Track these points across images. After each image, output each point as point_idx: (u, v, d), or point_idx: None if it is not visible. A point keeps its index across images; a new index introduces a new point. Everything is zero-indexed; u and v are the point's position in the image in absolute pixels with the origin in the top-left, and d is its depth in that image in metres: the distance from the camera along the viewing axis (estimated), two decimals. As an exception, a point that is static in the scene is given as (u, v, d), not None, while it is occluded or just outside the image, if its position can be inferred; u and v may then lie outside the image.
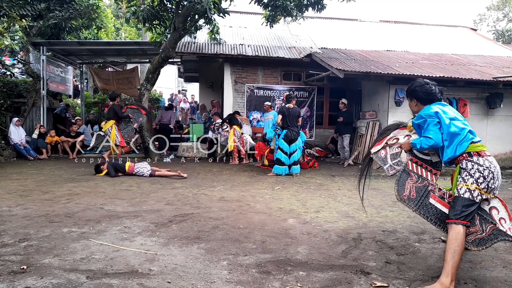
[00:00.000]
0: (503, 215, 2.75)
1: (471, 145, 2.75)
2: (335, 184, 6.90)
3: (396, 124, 3.52)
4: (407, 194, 3.12)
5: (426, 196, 3.06)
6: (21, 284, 2.51)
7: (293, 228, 3.97)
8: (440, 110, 2.84)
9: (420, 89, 2.97)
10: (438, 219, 2.97)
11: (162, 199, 5.29)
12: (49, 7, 10.52)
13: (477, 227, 2.81)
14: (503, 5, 27.17)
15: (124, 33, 24.79)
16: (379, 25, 15.49)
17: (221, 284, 2.60)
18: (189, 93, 21.77)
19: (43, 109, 11.16)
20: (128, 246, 3.30)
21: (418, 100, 3.00)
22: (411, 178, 3.15)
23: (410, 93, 3.06)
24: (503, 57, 12.81)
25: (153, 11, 9.33)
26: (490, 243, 2.80)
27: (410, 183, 3.14)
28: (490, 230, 2.78)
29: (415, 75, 8.68)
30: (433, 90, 2.94)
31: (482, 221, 2.81)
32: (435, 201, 3.01)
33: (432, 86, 2.96)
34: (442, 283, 2.45)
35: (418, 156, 3.17)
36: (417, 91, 2.99)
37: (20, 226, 3.86)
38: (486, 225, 2.80)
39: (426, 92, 2.95)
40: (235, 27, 13.13)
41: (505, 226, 2.73)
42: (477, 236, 2.81)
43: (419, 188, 3.10)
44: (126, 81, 14.79)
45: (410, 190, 3.12)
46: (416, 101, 3.03)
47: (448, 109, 2.88)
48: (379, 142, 3.50)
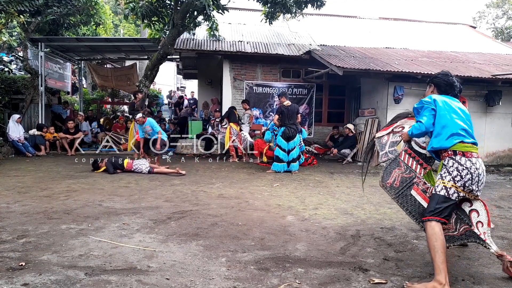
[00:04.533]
0: (482, 219, 2.77)
1: (459, 144, 2.75)
2: (333, 181, 6.91)
3: (406, 113, 3.60)
4: (391, 182, 3.19)
5: (409, 187, 3.12)
6: (20, 281, 2.51)
7: (291, 225, 3.98)
8: (441, 101, 2.86)
9: (443, 77, 3.03)
10: (415, 211, 3.05)
11: (160, 196, 5.29)
12: (47, 3, 10.46)
13: (451, 225, 2.87)
14: (502, 2, 27.13)
15: (122, 29, 24.68)
16: (378, 22, 15.45)
17: (220, 281, 2.60)
18: (188, 90, 21.73)
19: (41, 106, 11.12)
20: (126, 243, 3.30)
21: (437, 87, 3.05)
22: (399, 167, 3.20)
23: (432, 79, 3.11)
24: (502, 54, 12.81)
25: (152, 8, 9.29)
26: (459, 242, 2.87)
27: (398, 172, 3.20)
28: (464, 230, 2.83)
29: (414, 73, 8.69)
30: (454, 84, 3.00)
31: (458, 221, 2.85)
32: (416, 193, 3.07)
33: (455, 81, 3.02)
34: (437, 280, 2.50)
35: (413, 148, 3.20)
36: (439, 78, 3.05)
37: (19, 222, 3.85)
38: (460, 225, 2.84)
39: (447, 82, 3.00)
40: (234, 23, 13.08)
41: (481, 230, 2.76)
42: (448, 233, 2.87)
43: (405, 178, 3.16)
44: (125, 78, 14.76)
45: (395, 178, 3.19)
46: (434, 88, 3.06)
47: (454, 105, 2.88)
48: (386, 128, 3.57)
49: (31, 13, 10.34)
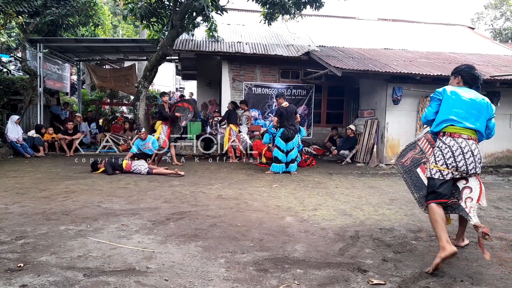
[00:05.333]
0: (473, 195, 2.96)
1: (450, 127, 3.05)
2: (332, 182, 6.91)
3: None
4: (403, 161, 3.52)
5: (416, 166, 3.39)
6: (18, 282, 2.50)
7: (290, 226, 3.98)
8: (451, 92, 3.14)
9: (468, 70, 3.28)
10: (416, 186, 3.35)
11: (159, 197, 5.28)
12: (46, 4, 10.46)
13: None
14: (500, 3, 27.21)
15: (121, 30, 24.68)
16: (377, 23, 15.49)
17: (219, 282, 2.60)
18: (187, 91, 21.72)
19: (39, 107, 11.10)
20: (125, 244, 3.29)
21: (462, 78, 3.28)
22: (414, 150, 3.47)
23: (458, 71, 3.33)
24: (500, 55, 12.85)
25: (151, 8, 9.29)
26: (449, 212, 3.09)
27: (412, 154, 3.47)
28: (452, 203, 3.04)
29: (413, 74, 8.70)
30: (477, 77, 3.26)
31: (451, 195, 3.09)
32: (421, 171, 3.33)
33: (478, 74, 3.30)
34: (441, 247, 2.79)
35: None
36: (464, 71, 3.29)
37: (17, 223, 3.84)
38: (452, 199, 3.05)
39: (471, 74, 3.25)
40: (233, 24, 13.10)
41: (468, 204, 2.94)
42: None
43: (416, 159, 3.43)
44: (124, 79, 14.74)
45: (407, 158, 3.51)
46: (460, 79, 3.29)
47: (465, 96, 3.10)
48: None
49: (29, 14, 10.34)
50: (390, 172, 8.41)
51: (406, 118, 9.16)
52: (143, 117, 10.29)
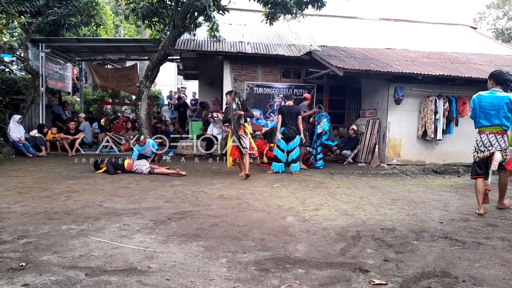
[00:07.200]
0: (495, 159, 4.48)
1: (480, 127, 4.57)
2: (334, 182, 6.90)
3: None
4: None
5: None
6: (20, 281, 2.51)
7: (292, 226, 3.98)
8: (477, 99, 4.52)
9: (499, 73, 4.47)
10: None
11: (161, 196, 5.29)
12: (48, 3, 10.49)
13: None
14: (503, 3, 27.13)
15: (123, 30, 24.72)
16: (379, 23, 15.45)
17: (220, 282, 2.60)
18: (189, 91, 21.71)
19: (41, 106, 11.13)
20: (127, 244, 3.30)
21: (494, 80, 4.48)
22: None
23: (490, 75, 4.54)
24: (502, 55, 12.81)
25: (152, 8, 9.31)
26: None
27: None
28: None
29: (415, 73, 8.69)
30: (506, 78, 4.40)
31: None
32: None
33: (508, 76, 4.40)
34: (477, 209, 4.63)
35: None
36: (496, 75, 4.48)
37: (19, 223, 3.85)
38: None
39: (501, 76, 4.43)
40: (235, 24, 13.09)
41: (492, 165, 4.51)
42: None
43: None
44: (125, 79, 14.77)
45: None
46: (493, 81, 4.50)
47: (487, 100, 4.44)
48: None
49: (32, 14, 10.37)
50: (392, 172, 8.40)
51: (408, 118, 9.14)
52: (145, 116, 10.32)
